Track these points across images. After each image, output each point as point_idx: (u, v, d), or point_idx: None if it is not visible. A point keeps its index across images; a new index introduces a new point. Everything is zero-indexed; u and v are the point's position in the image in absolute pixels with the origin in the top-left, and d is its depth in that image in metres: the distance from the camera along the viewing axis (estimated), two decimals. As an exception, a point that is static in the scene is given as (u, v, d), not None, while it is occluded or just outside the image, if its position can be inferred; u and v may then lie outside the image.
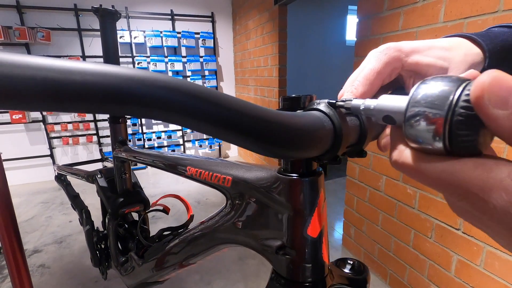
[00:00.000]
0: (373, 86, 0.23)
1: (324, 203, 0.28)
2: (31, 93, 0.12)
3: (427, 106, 0.14)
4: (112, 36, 0.76)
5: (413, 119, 0.15)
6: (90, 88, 0.13)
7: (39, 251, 1.95)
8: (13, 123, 3.14)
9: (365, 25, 1.52)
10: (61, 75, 0.12)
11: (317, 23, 4.13)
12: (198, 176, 0.40)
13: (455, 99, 0.14)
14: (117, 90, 0.14)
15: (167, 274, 0.53)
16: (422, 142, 0.15)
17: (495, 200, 0.12)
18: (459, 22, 1.09)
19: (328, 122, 0.21)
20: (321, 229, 0.28)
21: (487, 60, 0.24)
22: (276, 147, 0.19)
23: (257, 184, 0.31)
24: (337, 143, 0.22)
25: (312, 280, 0.28)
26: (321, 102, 0.23)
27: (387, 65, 0.23)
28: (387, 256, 1.56)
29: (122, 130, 0.82)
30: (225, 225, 0.36)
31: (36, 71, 0.12)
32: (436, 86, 0.14)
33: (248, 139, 0.18)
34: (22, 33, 2.95)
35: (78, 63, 0.13)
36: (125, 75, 0.14)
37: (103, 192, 0.83)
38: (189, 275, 1.67)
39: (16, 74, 0.12)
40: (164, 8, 3.54)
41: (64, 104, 0.13)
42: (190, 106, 0.16)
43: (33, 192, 3.08)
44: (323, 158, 0.23)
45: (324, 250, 0.29)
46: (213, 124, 0.17)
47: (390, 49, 0.23)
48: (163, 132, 3.82)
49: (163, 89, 0.15)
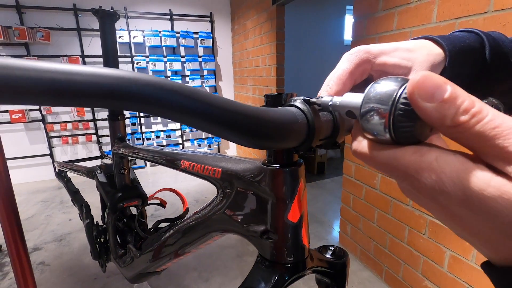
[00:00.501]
0: (345, 86, 0.26)
1: (304, 192, 0.31)
2: (53, 92, 0.15)
3: (377, 102, 0.17)
4: (111, 37, 0.78)
5: (366, 114, 0.18)
6: (91, 87, 0.16)
7: (39, 249, 1.97)
8: (12, 123, 3.16)
9: (361, 25, 1.55)
10: (73, 77, 0.15)
11: (315, 22, 4.15)
12: (191, 169, 0.43)
13: (397, 96, 0.16)
14: (110, 88, 0.16)
15: (163, 264, 0.56)
16: (374, 134, 0.17)
17: (426, 179, 0.15)
18: (451, 22, 1.12)
19: (302, 116, 0.24)
20: (301, 215, 0.30)
21: (447, 59, 0.26)
22: (253, 138, 0.21)
23: (244, 175, 0.33)
24: (311, 135, 0.24)
25: (293, 262, 0.31)
26: (297, 99, 0.25)
27: (358, 66, 0.26)
28: (382, 252, 1.59)
29: (121, 127, 0.85)
30: (216, 214, 0.38)
31: (58, 74, 0.15)
32: (384, 85, 0.17)
33: (228, 131, 0.20)
34: (21, 33, 2.97)
35: (86, 68, 0.16)
36: (115, 76, 0.17)
37: (103, 187, 0.85)
38: (187, 272, 1.69)
39: (42, 77, 0.15)
40: (163, 8, 3.56)
41: (74, 100, 0.16)
42: (174, 102, 0.18)
43: (33, 191, 3.10)
44: (299, 149, 0.26)
45: (304, 235, 0.31)
46: (197, 119, 0.19)
47: (360, 51, 0.26)
48: (162, 131, 3.84)
49: (150, 87, 0.17)
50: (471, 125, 0.13)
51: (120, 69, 0.17)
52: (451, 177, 0.14)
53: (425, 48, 0.27)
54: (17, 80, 0.14)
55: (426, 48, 0.27)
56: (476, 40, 0.28)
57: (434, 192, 0.15)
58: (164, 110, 0.18)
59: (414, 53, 0.26)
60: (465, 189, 0.14)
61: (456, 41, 0.27)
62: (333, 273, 0.34)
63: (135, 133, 3.72)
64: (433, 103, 0.14)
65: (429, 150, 0.16)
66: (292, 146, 0.25)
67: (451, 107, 0.14)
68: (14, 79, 0.14)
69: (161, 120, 3.90)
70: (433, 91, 0.14)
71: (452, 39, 0.27)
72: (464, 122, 0.14)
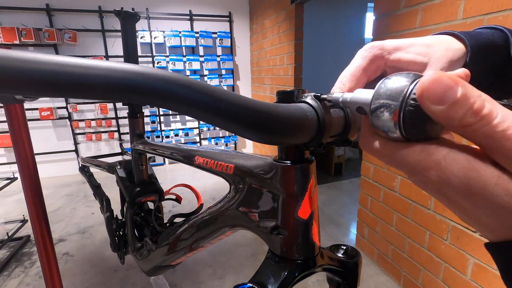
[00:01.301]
0: (359, 82, 0.25)
1: (314, 189, 0.30)
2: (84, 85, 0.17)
3: (387, 98, 0.16)
4: (132, 36, 0.81)
5: (376, 110, 0.17)
6: (104, 80, 0.17)
7: (64, 240, 2.08)
8: (42, 120, 3.34)
9: (382, 23, 1.51)
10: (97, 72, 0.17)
11: (335, 21, 4.08)
12: (205, 165, 0.44)
13: (408, 92, 0.16)
14: (130, 83, 0.17)
15: (178, 258, 0.57)
16: (384, 130, 0.17)
17: (433, 177, 0.16)
18: (479, 18, 1.06)
19: (312, 112, 0.24)
20: (311, 211, 0.30)
21: (468, 54, 0.25)
22: (262, 133, 0.21)
23: (255, 171, 0.34)
24: (321, 131, 0.24)
25: (303, 258, 0.31)
26: (308, 95, 0.25)
27: (371, 62, 0.25)
28: (401, 257, 1.54)
29: (140, 124, 0.88)
30: (228, 209, 0.39)
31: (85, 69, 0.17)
32: (395, 81, 0.16)
33: (237, 125, 0.20)
34: (51, 34, 3.13)
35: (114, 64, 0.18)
36: (124, 69, 0.18)
37: (122, 182, 0.88)
38: (203, 269, 1.72)
39: (76, 71, 0.16)
40: (183, 9, 3.63)
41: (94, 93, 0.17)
42: (184, 95, 0.19)
43: (59, 185, 3.26)
44: (309, 145, 0.26)
45: (315, 232, 0.31)
46: (210, 113, 0.19)
47: (374, 47, 0.25)
48: (181, 129, 3.92)
49: (165, 82, 0.18)
50: (479, 127, 0.14)
51: (130, 63, 0.18)
52: (458, 175, 0.15)
53: (444, 43, 0.26)
54: (39, 73, 0.15)
55: (445, 43, 0.26)
56: (500, 37, 0.26)
57: (441, 188, 0.16)
58: (174, 103, 0.19)
59: (431, 48, 0.25)
60: (472, 187, 0.14)
61: (479, 37, 0.26)
62: (344, 272, 0.33)
63: (155, 131, 3.82)
64: (442, 105, 0.14)
65: (437, 149, 0.16)
66: (302, 142, 0.25)
67: (460, 109, 0.14)
68: (34, 72, 0.15)
69: (179, 119, 3.98)
70: (442, 94, 0.14)
71: (474, 35, 0.26)
72: (472, 124, 0.14)
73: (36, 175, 0.96)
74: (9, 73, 0.14)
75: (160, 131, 3.85)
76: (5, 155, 3.38)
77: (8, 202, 2.80)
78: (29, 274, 1.70)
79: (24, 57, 0.15)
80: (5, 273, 1.71)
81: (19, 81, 0.15)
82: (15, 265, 1.79)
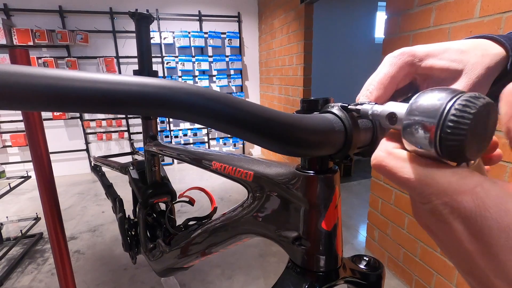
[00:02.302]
0: (387, 90, 0.24)
1: (339, 199, 0.30)
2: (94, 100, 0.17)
3: (423, 114, 0.16)
4: (146, 38, 0.81)
5: (411, 126, 0.17)
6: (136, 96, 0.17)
7: (75, 238, 2.11)
8: (54, 119, 3.40)
9: (394, 22, 1.48)
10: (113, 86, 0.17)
11: (345, 20, 4.04)
12: (222, 171, 0.43)
13: (446, 109, 0.15)
14: (149, 96, 0.17)
15: (191, 261, 0.57)
16: (418, 147, 0.16)
17: (466, 202, 0.14)
18: (496, 17, 1.03)
19: (339, 124, 0.23)
20: (335, 223, 0.29)
21: (510, 60, 0.24)
22: (287, 146, 0.21)
23: (277, 179, 0.33)
24: (348, 144, 0.23)
25: (326, 270, 0.30)
26: (334, 105, 0.24)
27: (401, 70, 0.24)
28: (412, 261, 1.51)
29: (153, 126, 0.88)
30: (246, 216, 0.38)
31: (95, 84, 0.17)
32: (432, 97, 0.16)
33: (262, 138, 0.20)
34: (63, 35, 3.18)
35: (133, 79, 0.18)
36: (151, 84, 0.18)
37: (135, 183, 0.89)
38: (211, 269, 1.72)
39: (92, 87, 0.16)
40: (192, 9, 3.65)
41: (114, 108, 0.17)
42: (210, 109, 0.19)
43: (70, 183, 3.32)
44: (335, 156, 0.25)
45: (338, 243, 0.30)
46: (234, 126, 0.19)
47: (404, 54, 0.24)
48: (189, 129, 3.95)
49: (192, 96, 0.18)
50: None
51: (154, 78, 0.18)
52: (495, 202, 0.13)
53: (480, 47, 0.24)
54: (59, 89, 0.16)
55: (481, 47, 0.24)
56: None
57: (472, 214, 0.14)
58: (201, 118, 0.19)
59: (466, 55, 0.23)
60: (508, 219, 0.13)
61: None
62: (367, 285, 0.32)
63: (164, 131, 3.85)
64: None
65: (472, 173, 0.15)
66: (327, 154, 0.24)
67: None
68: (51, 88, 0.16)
69: (188, 119, 4.00)
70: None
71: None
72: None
73: (51, 174, 0.98)
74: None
75: (169, 131, 3.88)
76: (19, 154, 3.46)
77: (22, 200, 2.86)
78: (41, 271, 1.73)
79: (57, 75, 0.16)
80: (19, 269, 1.75)
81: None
82: (28, 261, 1.83)
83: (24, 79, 0.15)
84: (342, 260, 0.32)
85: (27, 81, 0.15)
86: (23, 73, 0.15)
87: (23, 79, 0.15)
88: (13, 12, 3.10)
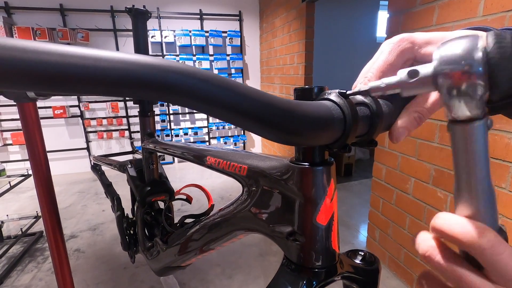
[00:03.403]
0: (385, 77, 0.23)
1: (334, 192, 0.28)
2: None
3: (460, 58, 0.15)
4: (143, 34, 0.80)
5: (447, 63, 0.15)
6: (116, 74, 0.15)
7: (76, 237, 2.11)
8: (55, 118, 3.40)
9: (396, 21, 1.47)
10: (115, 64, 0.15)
11: (347, 19, 4.02)
12: (216, 165, 0.42)
13: (483, 47, 0.15)
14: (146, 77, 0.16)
15: (188, 259, 0.56)
16: (464, 99, 0.15)
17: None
18: (500, 15, 1.02)
19: (338, 111, 0.22)
20: (331, 217, 0.28)
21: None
22: (284, 133, 0.20)
23: (271, 173, 0.32)
24: (347, 131, 0.22)
25: (322, 266, 0.29)
26: (332, 92, 0.23)
27: (400, 57, 0.23)
28: (414, 261, 1.50)
29: (151, 123, 0.87)
30: (241, 212, 0.37)
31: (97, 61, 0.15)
32: (460, 42, 0.15)
33: (257, 124, 0.19)
34: (64, 34, 3.18)
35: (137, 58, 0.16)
36: (139, 61, 0.16)
37: (133, 181, 0.88)
38: (211, 268, 1.71)
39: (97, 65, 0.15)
40: (194, 8, 3.64)
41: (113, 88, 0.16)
42: (208, 92, 0.17)
43: (71, 182, 3.32)
44: (333, 146, 0.24)
45: (334, 238, 0.29)
46: (225, 110, 0.18)
47: (404, 40, 0.23)
48: (190, 128, 3.94)
49: (191, 78, 0.16)
50: None
51: (141, 55, 0.16)
52: None
53: None
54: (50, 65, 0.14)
55: None
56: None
57: None
58: (191, 100, 0.17)
59: None
60: None
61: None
62: (364, 280, 0.31)
63: (165, 129, 3.85)
64: None
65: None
66: (325, 143, 0.23)
67: None
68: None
69: (189, 118, 4.00)
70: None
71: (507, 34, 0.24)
72: None
73: (48, 172, 0.97)
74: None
75: (169, 130, 3.88)
76: (20, 152, 3.46)
77: (22, 198, 2.86)
78: (41, 269, 1.73)
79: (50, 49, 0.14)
80: (19, 267, 1.75)
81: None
82: (28, 260, 1.82)
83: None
84: (339, 256, 0.31)
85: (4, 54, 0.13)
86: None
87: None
88: (14, 10, 3.10)
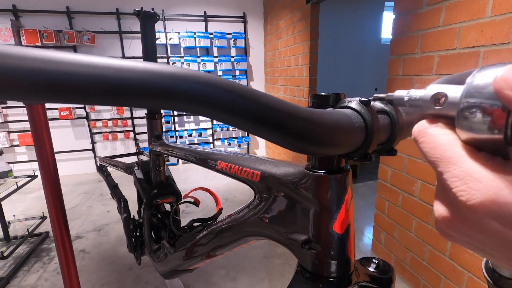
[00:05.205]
0: None
1: (351, 201, 0.28)
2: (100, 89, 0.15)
3: (486, 96, 0.14)
4: (151, 36, 0.81)
5: (469, 109, 0.14)
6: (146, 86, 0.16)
7: (81, 237, 2.12)
8: (61, 119, 3.43)
9: (402, 22, 1.46)
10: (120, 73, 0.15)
11: (351, 20, 4.01)
12: (228, 170, 0.42)
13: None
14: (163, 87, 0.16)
15: (196, 263, 0.56)
16: (479, 133, 0.14)
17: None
18: (509, 16, 1.01)
19: (359, 119, 0.21)
20: (347, 226, 0.28)
21: None
22: (305, 143, 0.19)
23: (285, 179, 0.31)
24: (368, 140, 0.22)
25: (337, 276, 0.28)
26: (352, 100, 0.23)
27: None
28: (420, 264, 1.48)
29: (158, 125, 0.87)
30: (252, 218, 0.37)
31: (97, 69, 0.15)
32: (494, 73, 0.14)
33: (277, 134, 0.18)
34: (70, 36, 3.21)
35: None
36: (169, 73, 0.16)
37: (140, 183, 0.88)
38: (215, 270, 1.71)
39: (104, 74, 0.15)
40: (198, 10, 3.66)
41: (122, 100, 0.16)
42: (227, 101, 0.17)
43: (76, 183, 3.34)
44: (353, 155, 0.23)
45: (350, 247, 0.29)
46: (245, 119, 0.17)
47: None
48: (194, 130, 3.95)
49: (207, 86, 0.16)
50: None
51: (160, 63, 0.16)
52: None
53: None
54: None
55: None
56: None
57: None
58: (211, 109, 0.17)
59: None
60: None
61: None
62: None
63: (169, 131, 3.86)
64: None
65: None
66: (346, 152, 0.23)
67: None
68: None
69: (193, 119, 4.01)
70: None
71: None
72: None
73: (56, 173, 0.98)
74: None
75: (174, 131, 3.89)
76: (26, 153, 3.50)
77: (29, 199, 2.89)
78: (47, 270, 1.74)
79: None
80: (25, 268, 1.76)
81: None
82: (34, 260, 1.84)
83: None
84: (354, 265, 0.30)
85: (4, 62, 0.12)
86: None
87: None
88: (21, 13, 3.14)
